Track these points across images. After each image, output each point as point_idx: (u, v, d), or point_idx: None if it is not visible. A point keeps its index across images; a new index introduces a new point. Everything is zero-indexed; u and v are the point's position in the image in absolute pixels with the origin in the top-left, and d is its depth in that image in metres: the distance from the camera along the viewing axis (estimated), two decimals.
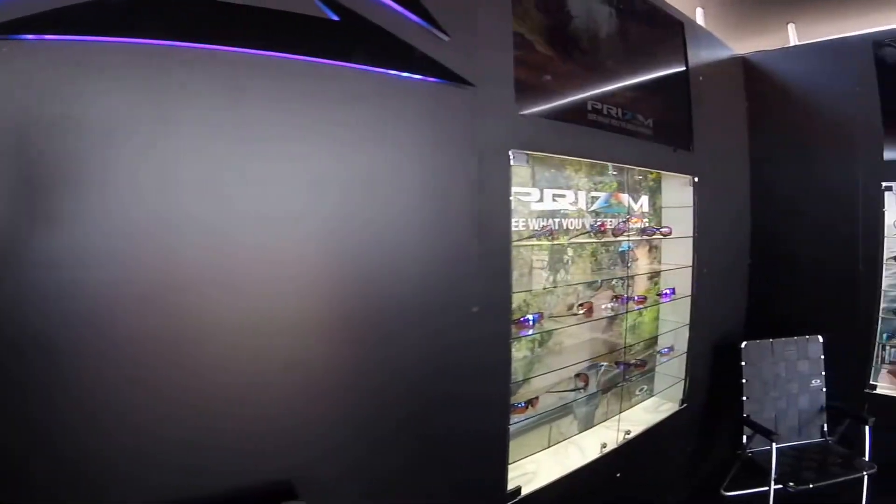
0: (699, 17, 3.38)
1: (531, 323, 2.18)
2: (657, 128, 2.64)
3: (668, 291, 2.87)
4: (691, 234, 2.87)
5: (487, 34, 1.92)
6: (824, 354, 3.05)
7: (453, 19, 1.81)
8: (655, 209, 3.00)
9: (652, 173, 2.94)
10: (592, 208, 2.55)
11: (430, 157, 1.77)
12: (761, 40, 3.50)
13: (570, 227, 2.44)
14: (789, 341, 3.07)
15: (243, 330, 1.43)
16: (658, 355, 2.95)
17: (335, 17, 1.60)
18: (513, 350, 2.24)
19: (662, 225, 2.95)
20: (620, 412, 2.65)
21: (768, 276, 3.48)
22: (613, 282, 2.70)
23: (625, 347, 2.74)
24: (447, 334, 1.82)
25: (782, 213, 3.40)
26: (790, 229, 3.37)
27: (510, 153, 1.95)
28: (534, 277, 2.35)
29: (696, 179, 2.86)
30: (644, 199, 2.88)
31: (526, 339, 2.29)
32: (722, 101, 3.33)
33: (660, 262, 3.05)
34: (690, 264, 2.88)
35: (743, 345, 2.98)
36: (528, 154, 2.08)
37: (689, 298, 2.91)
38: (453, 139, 1.83)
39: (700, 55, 3.00)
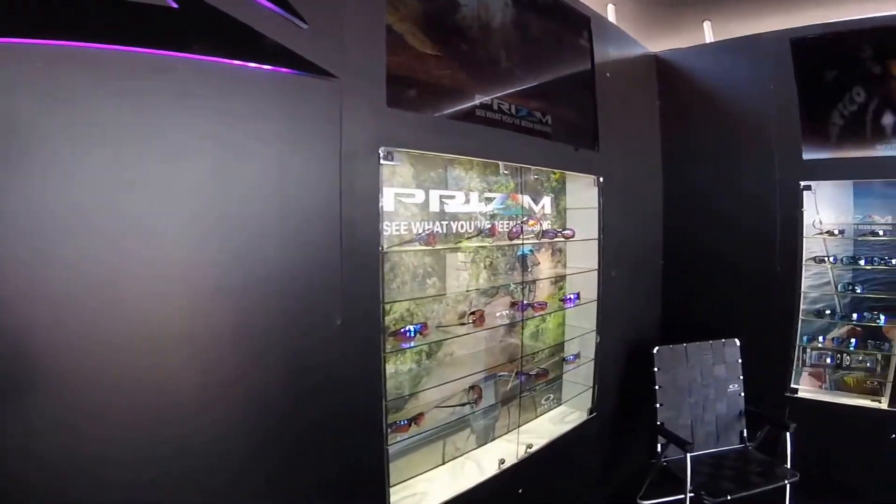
0: (610, 14, 3.36)
1: (412, 334, 2.12)
2: (557, 126, 2.58)
3: (571, 296, 2.81)
4: (596, 237, 2.85)
5: (355, 22, 1.79)
6: (742, 358, 3.09)
7: (313, 5, 1.72)
8: (559, 211, 2.94)
9: (555, 174, 2.87)
10: (486, 210, 2.49)
11: (286, 156, 1.65)
12: (677, 38, 3.57)
13: (460, 231, 2.36)
14: (704, 345, 3.09)
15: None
16: (564, 363, 2.91)
17: (174, 5, 1.50)
18: (396, 363, 2.16)
19: (566, 227, 2.91)
20: (521, 424, 2.59)
21: (683, 277, 3.50)
22: (512, 287, 2.64)
23: (522, 357, 2.67)
24: (310, 351, 1.70)
25: (697, 213, 3.42)
26: (706, 230, 3.40)
27: (380, 151, 1.85)
28: (420, 284, 2.26)
29: (601, 180, 2.82)
30: (546, 201, 2.82)
31: (412, 350, 2.22)
32: (632, 100, 3.31)
33: (565, 266, 3.00)
34: (596, 268, 2.88)
35: (655, 350, 2.97)
36: (405, 152, 2.00)
37: (595, 303, 2.89)
38: (313, 136, 1.69)
39: (608, 52, 2.96)
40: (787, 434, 2.75)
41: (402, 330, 2.09)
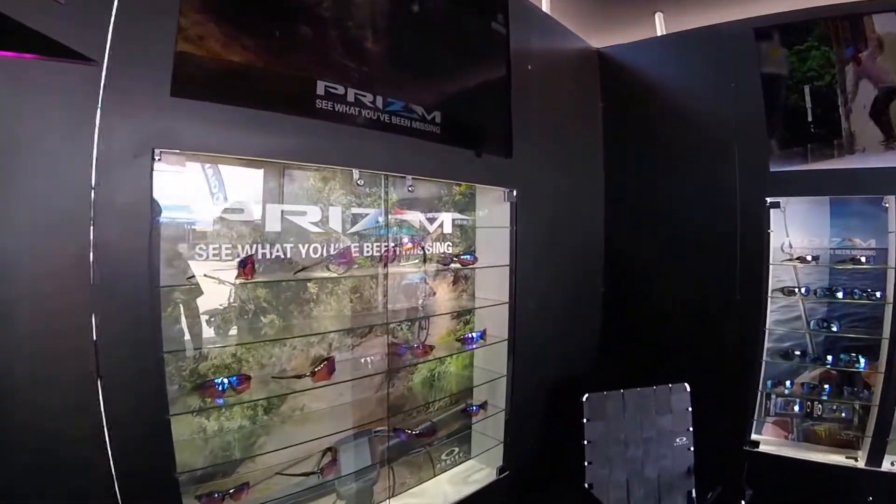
0: (544, 4, 2.92)
1: (222, 389, 1.66)
2: (450, 126, 2.13)
3: (473, 335, 2.36)
4: (507, 263, 2.40)
5: None
6: (692, 406, 2.57)
7: None
8: (465, 231, 2.51)
9: (461, 185, 2.46)
10: (353, 230, 2.07)
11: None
12: (626, 33, 3.11)
13: (312, 255, 1.92)
14: (647, 392, 2.55)
15: None
16: (463, 414, 2.45)
17: None
18: (219, 420, 1.77)
19: (470, 250, 2.47)
20: (411, 486, 2.20)
21: (625, 309, 3.02)
22: (394, 326, 2.20)
23: (406, 411, 2.27)
24: (62, 415, 1.33)
25: (645, 232, 2.94)
26: (654, 252, 2.92)
27: (155, 153, 1.43)
28: (251, 324, 1.84)
29: (514, 193, 2.37)
30: (446, 218, 2.38)
31: (244, 405, 1.81)
32: (565, 99, 2.85)
33: (473, 297, 2.58)
34: (507, 300, 2.42)
35: (585, 398, 2.55)
36: (202, 155, 1.61)
37: (506, 343, 2.43)
38: (53, 135, 1.35)
39: (530, 41, 2.51)
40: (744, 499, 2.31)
41: (214, 382, 1.66)
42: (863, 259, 2.64)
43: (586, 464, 2.48)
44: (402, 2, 2.04)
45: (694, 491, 2.57)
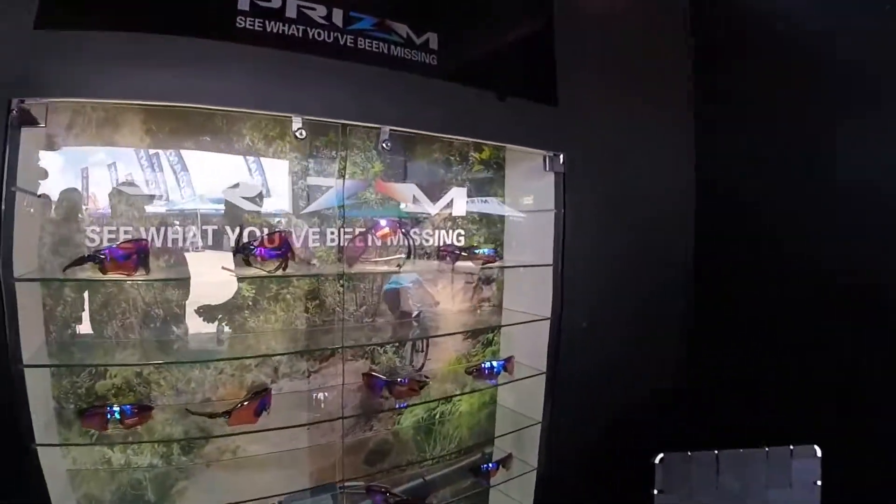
0: None
1: (113, 418, 1.43)
2: (453, 53, 1.76)
3: (492, 365, 1.97)
4: (549, 262, 2.00)
5: None
6: (823, 478, 2.01)
7: None
8: (488, 216, 2.16)
9: (483, 149, 2.10)
10: (311, 209, 1.74)
11: None
12: None
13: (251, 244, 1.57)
14: (753, 455, 2.13)
15: None
16: (479, 473, 2.05)
17: None
18: (126, 453, 1.59)
19: (488, 243, 2.10)
20: None
21: (724, 331, 2.46)
22: (372, 348, 1.89)
23: (387, 464, 1.93)
24: None
25: (756, 218, 2.34)
26: (772, 248, 2.30)
27: (13, 104, 1.23)
28: (159, 334, 1.61)
29: (562, 159, 1.97)
30: (457, 196, 2.03)
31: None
32: (634, 26, 2.34)
33: (499, 310, 2.20)
34: (548, 315, 2.01)
35: (658, 459, 2.08)
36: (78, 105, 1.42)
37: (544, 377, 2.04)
38: None
39: None
40: None
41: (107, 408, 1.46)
42: None
43: None
44: None
45: None
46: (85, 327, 1.55)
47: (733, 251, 2.44)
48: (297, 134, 1.50)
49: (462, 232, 2.09)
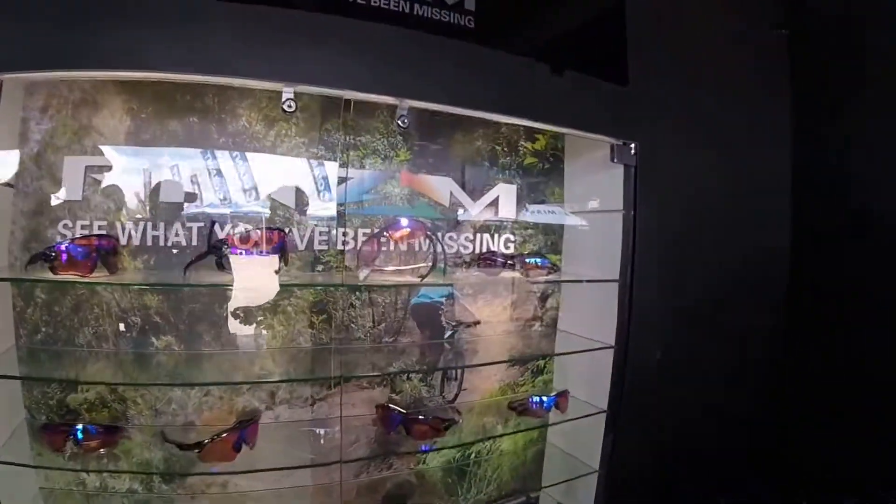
0: None
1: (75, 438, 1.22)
2: (495, 16, 1.42)
3: (542, 400, 1.60)
4: (616, 277, 1.60)
5: None
6: None
7: None
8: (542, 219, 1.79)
9: (536, 138, 1.73)
10: (318, 205, 1.44)
11: None
12: None
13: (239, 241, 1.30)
14: None
15: None
16: None
17: None
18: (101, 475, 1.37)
19: (541, 253, 1.71)
20: None
21: (833, 367, 1.92)
22: (394, 374, 1.56)
23: None
24: None
25: (868, 228, 1.83)
26: (887, 267, 1.78)
27: None
28: (137, 345, 1.37)
29: (633, 149, 1.58)
30: (503, 192, 1.68)
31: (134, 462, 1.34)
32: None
33: (552, 331, 1.80)
34: (612, 343, 1.61)
35: None
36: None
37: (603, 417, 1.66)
38: None
39: None
40: None
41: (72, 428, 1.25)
42: None
43: None
44: None
45: None
46: (57, 333, 1.34)
47: (837, 263, 1.94)
48: (286, 106, 1.18)
49: (511, 237, 1.75)
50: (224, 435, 1.29)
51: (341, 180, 1.48)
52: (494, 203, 1.70)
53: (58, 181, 1.32)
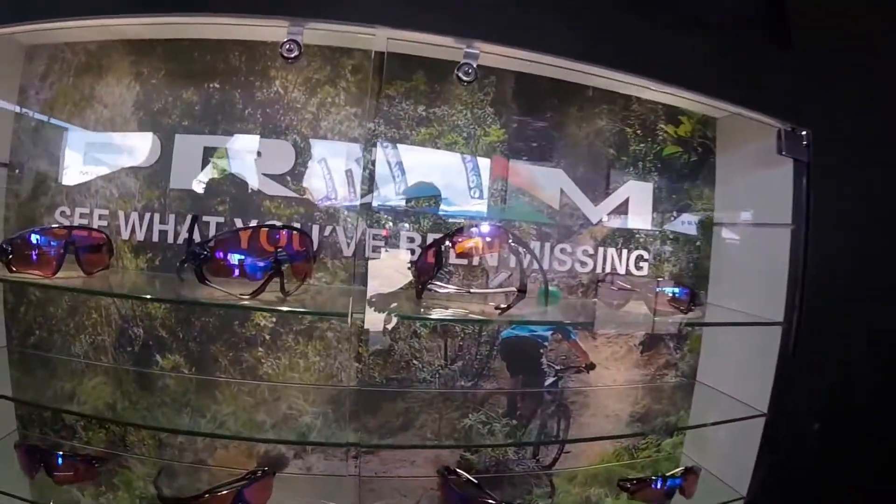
0: None
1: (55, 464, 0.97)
2: None
3: (664, 481, 1.11)
4: (779, 320, 1.08)
5: None
6: None
7: None
8: (683, 235, 1.28)
9: (681, 121, 1.24)
10: (366, 200, 1.07)
11: None
12: None
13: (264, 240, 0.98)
14: None
15: None
16: None
17: None
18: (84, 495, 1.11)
19: (674, 277, 1.23)
20: None
21: None
22: (474, 427, 1.13)
23: None
24: None
25: None
26: None
27: None
28: (146, 362, 1.07)
29: (805, 136, 1.07)
30: (633, 191, 1.22)
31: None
32: None
33: (689, 382, 1.28)
34: (765, 410, 1.11)
35: None
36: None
37: None
38: None
39: None
40: None
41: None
42: None
43: None
44: None
45: None
46: (52, 338, 1.11)
47: None
48: (285, 51, 0.83)
49: (644, 254, 1.28)
50: (220, 492, 0.97)
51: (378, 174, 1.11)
52: (623, 207, 1.23)
53: (56, 160, 1.08)
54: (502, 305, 0.95)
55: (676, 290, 1.11)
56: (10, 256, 0.88)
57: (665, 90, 1.10)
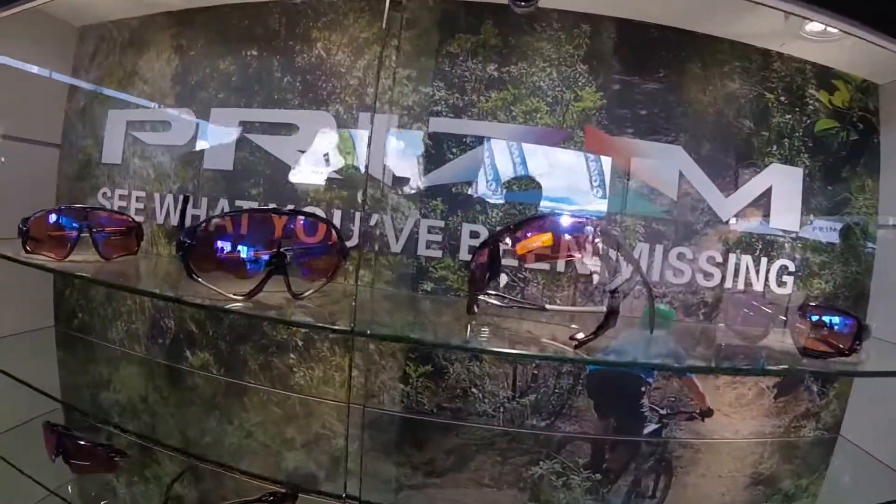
0: None
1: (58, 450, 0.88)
2: None
3: None
4: None
5: None
6: None
7: None
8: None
9: (840, 85, 0.87)
10: (431, 182, 0.85)
11: None
12: None
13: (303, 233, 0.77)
14: None
15: None
16: None
17: None
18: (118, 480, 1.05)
19: (828, 301, 0.86)
20: None
21: None
22: (545, 477, 0.86)
23: None
24: None
25: None
26: None
27: None
28: (176, 356, 1.00)
29: None
30: (779, 183, 0.86)
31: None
32: None
33: (831, 436, 0.88)
34: None
35: None
36: None
37: None
38: None
39: None
40: None
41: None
42: None
43: None
44: None
45: None
46: (93, 321, 1.09)
47: None
48: None
49: (790, 264, 0.93)
50: None
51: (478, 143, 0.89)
52: (763, 199, 0.90)
53: (99, 140, 1.03)
54: (578, 336, 0.63)
55: (836, 319, 0.76)
56: (27, 236, 0.81)
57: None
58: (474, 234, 0.87)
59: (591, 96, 0.88)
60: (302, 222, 0.74)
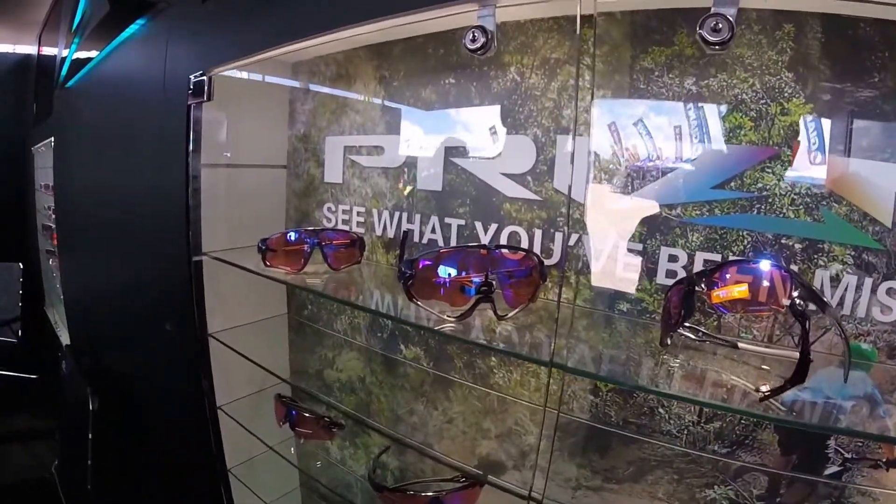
0: None
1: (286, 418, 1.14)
2: None
3: None
4: None
5: None
6: None
7: None
8: None
9: None
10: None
11: None
12: None
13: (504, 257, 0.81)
14: None
15: None
16: None
17: None
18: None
19: None
20: None
21: None
22: None
23: None
24: None
25: None
26: None
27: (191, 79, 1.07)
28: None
29: None
30: None
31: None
32: None
33: None
34: None
35: None
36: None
37: None
38: None
39: None
40: None
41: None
42: None
43: None
44: None
45: None
46: (319, 313, 1.31)
47: None
48: (469, 42, 0.70)
49: None
50: (418, 493, 0.91)
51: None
52: None
53: (321, 163, 1.18)
54: (763, 389, 0.59)
55: None
56: (266, 252, 0.98)
57: None
58: (673, 258, 0.85)
59: (798, 107, 0.78)
60: (504, 253, 0.81)
